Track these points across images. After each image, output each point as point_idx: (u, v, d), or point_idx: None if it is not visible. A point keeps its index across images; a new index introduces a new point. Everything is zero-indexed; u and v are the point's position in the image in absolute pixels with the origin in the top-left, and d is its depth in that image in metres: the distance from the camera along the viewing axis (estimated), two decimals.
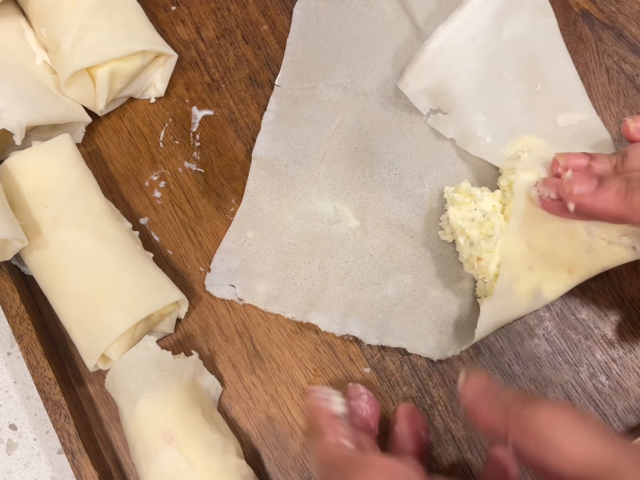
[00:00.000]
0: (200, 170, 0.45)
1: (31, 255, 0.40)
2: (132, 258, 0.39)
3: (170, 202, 0.45)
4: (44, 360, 0.39)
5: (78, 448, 0.37)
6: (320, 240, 0.42)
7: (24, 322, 0.39)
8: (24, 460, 0.41)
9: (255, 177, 0.44)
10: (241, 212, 0.43)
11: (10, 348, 0.44)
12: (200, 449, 0.35)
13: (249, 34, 0.49)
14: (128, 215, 0.44)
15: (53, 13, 0.43)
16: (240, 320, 0.42)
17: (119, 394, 0.37)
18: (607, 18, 0.48)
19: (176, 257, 0.43)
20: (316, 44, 0.47)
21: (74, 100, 0.45)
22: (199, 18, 0.50)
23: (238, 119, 0.47)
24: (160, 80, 0.46)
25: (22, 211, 0.40)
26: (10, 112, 0.41)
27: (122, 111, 0.47)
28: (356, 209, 0.43)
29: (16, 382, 0.43)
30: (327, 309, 0.40)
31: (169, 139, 0.46)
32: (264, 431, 0.40)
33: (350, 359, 0.41)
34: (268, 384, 0.40)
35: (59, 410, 0.38)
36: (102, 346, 0.37)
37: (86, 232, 0.39)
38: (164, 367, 0.37)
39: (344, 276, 0.41)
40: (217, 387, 0.40)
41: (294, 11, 0.48)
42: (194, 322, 0.42)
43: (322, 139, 0.44)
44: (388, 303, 0.40)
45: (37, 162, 0.41)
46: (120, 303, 0.38)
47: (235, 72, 0.48)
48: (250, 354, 0.41)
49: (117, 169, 0.46)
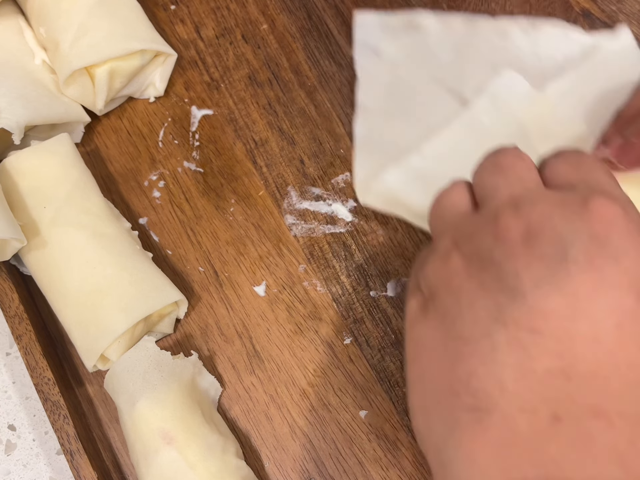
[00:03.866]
0: (200, 170, 0.45)
1: (30, 255, 0.39)
2: (132, 258, 0.39)
3: (169, 202, 0.45)
4: (43, 360, 0.38)
5: (77, 449, 0.37)
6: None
7: (22, 322, 0.39)
8: (22, 460, 0.41)
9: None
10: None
11: (9, 348, 0.43)
12: (200, 449, 0.35)
13: (249, 33, 0.49)
14: (127, 215, 0.44)
15: (52, 12, 0.43)
16: (240, 321, 0.42)
17: (118, 395, 0.37)
18: (608, 17, 0.47)
19: (175, 257, 0.43)
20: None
21: (73, 100, 0.45)
22: (198, 17, 0.50)
23: (237, 118, 0.46)
24: (159, 80, 0.46)
25: (20, 211, 0.40)
26: (9, 111, 0.41)
27: (121, 111, 0.47)
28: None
29: (15, 383, 0.43)
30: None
31: (168, 139, 0.46)
32: (263, 432, 0.39)
33: (350, 359, 0.40)
34: (268, 385, 0.40)
35: (58, 410, 0.38)
36: (101, 346, 0.37)
37: (85, 232, 0.39)
38: (163, 368, 0.37)
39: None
40: (217, 388, 0.40)
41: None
42: (193, 322, 0.42)
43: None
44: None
45: (35, 162, 0.41)
46: (120, 303, 0.38)
47: (234, 71, 0.48)
48: (249, 354, 0.41)
49: (116, 168, 0.46)
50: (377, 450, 0.39)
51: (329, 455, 0.39)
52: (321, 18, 0.49)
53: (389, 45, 0.46)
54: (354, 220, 0.44)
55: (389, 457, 0.38)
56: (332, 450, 0.39)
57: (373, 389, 0.40)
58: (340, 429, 0.39)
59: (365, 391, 0.40)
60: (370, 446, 0.39)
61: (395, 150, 0.43)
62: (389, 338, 0.41)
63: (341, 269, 0.43)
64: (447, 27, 0.46)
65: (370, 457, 0.38)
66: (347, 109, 0.46)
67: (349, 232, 0.43)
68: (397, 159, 0.42)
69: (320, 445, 0.39)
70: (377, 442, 0.39)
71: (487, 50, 0.45)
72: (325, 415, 0.39)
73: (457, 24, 0.46)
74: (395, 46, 0.46)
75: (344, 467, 0.38)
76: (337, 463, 0.39)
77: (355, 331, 0.41)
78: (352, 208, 0.44)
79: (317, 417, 0.39)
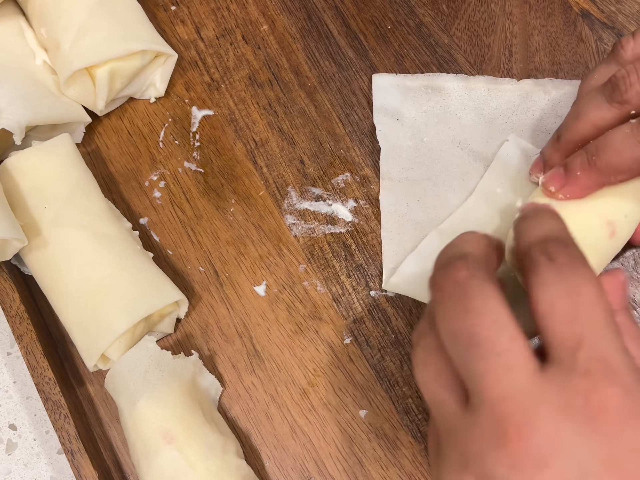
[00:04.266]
0: (200, 170, 0.45)
1: (31, 255, 0.40)
2: (132, 258, 0.39)
3: (170, 202, 0.45)
4: (44, 360, 0.39)
5: (78, 448, 0.37)
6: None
7: (23, 322, 0.39)
8: (23, 460, 0.41)
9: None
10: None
11: (10, 348, 0.44)
12: (200, 449, 0.35)
13: (249, 34, 0.49)
14: (128, 215, 0.44)
15: (53, 13, 0.43)
16: (240, 320, 0.42)
17: (119, 394, 0.37)
18: (607, 18, 0.48)
19: (176, 257, 0.43)
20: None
21: (74, 100, 0.45)
22: (198, 18, 0.50)
23: (238, 118, 0.47)
24: (160, 80, 0.46)
25: (21, 211, 0.40)
26: (10, 111, 0.41)
27: (122, 111, 0.47)
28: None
29: (16, 382, 0.43)
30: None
31: (169, 139, 0.46)
32: (263, 431, 0.39)
33: (350, 359, 0.41)
34: (268, 384, 0.40)
35: (59, 410, 0.38)
36: (101, 346, 0.37)
37: (86, 232, 0.39)
38: (163, 367, 0.37)
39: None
40: (217, 387, 0.40)
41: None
42: (193, 322, 0.42)
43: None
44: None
45: (36, 162, 0.41)
46: (120, 303, 0.38)
47: (235, 72, 0.48)
48: (250, 354, 0.41)
49: (116, 168, 0.46)
50: (377, 450, 0.39)
51: (329, 454, 0.39)
52: (321, 19, 0.49)
53: (409, 108, 0.45)
54: (354, 220, 0.44)
55: (388, 457, 0.38)
56: (332, 449, 0.39)
57: (373, 388, 0.40)
58: (340, 428, 0.39)
59: (365, 391, 0.40)
60: (370, 446, 0.39)
61: (419, 227, 0.42)
62: (388, 338, 0.41)
63: (341, 269, 0.43)
64: (469, 89, 0.45)
65: (370, 456, 0.39)
66: (347, 109, 0.47)
67: (349, 232, 0.43)
68: (418, 241, 0.42)
69: (320, 445, 0.39)
70: (377, 441, 0.39)
71: (510, 112, 0.45)
72: (325, 415, 0.39)
73: (479, 86, 0.45)
74: (416, 109, 0.45)
75: (343, 467, 0.38)
76: (337, 462, 0.39)
77: (355, 331, 0.41)
78: (352, 208, 0.44)
79: (317, 416, 0.39)
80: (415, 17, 0.49)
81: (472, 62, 0.47)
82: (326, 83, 0.47)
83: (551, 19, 0.48)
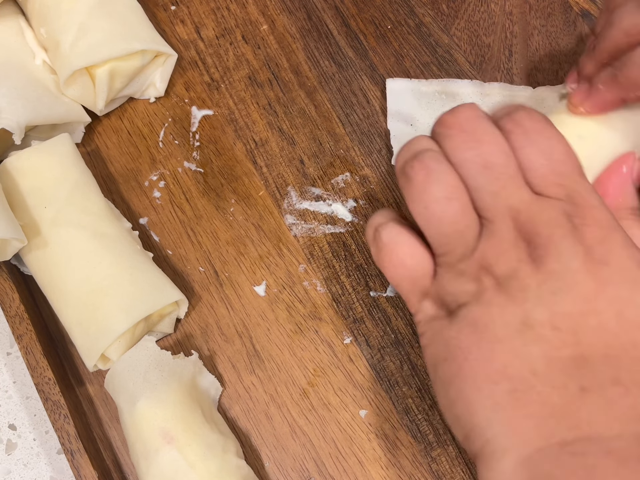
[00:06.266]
0: (200, 170, 0.45)
1: (30, 255, 0.39)
2: (132, 258, 0.39)
3: (169, 202, 0.45)
4: (44, 360, 0.39)
5: (77, 448, 0.37)
6: None
7: (23, 322, 0.39)
8: (23, 460, 0.41)
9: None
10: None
11: (10, 348, 0.43)
12: (200, 449, 0.35)
13: (249, 34, 0.49)
14: (127, 215, 0.44)
15: (52, 13, 0.43)
16: (240, 320, 0.42)
17: (119, 394, 0.37)
18: None
19: (176, 257, 0.43)
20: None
21: (74, 100, 0.45)
22: (198, 18, 0.50)
23: (238, 118, 0.47)
24: (159, 80, 0.46)
25: (21, 211, 0.40)
26: (10, 111, 0.41)
27: (122, 111, 0.47)
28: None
29: (15, 382, 0.43)
30: None
31: (169, 139, 0.46)
32: (263, 431, 0.39)
33: (350, 359, 0.41)
34: (268, 384, 0.40)
35: (59, 410, 0.38)
36: (101, 346, 0.37)
37: (86, 232, 0.39)
38: (163, 367, 0.37)
39: None
40: (217, 387, 0.40)
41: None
42: (193, 322, 0.42)
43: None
44: None
45: (36, 162, 0.41)
46: (120, 303, 0.38)
47: (234, 71, 0.48)
48: (250, 354, 0.41)
49: (116, 168, 0.46)
50: (376, 450, 0.39)
51: (328, 454, 0.39)
52: (321, 19, 0.49)
53: (423, 113, 0.45)
54: (354, 220, 0.44)
55: (388, 457, 0.38)
56: (332, 449, 0.39)
57: (373, 388, 0.40)
58: (340, 428, 0.39)
59: (365, 390, 0.40)
60: (370, 446, 0.39)
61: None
62: (388, 338, 0.41)
63: (341, 269, 0.43)
64: (484, 95, 0.45)
65: (370, 456, 0.39)
66: (347, 109, 0.47)
67: (349, 232, 0.43)
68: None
69: (320, 445, 0.39)
70: (376, 441, 0.39)
71: None
72: (325, 415, 0.39)
73: (494, 92, 0.45)
74: (430, 115, 0.45)
75: (343, 467, 0.38)
76: (337, 462, 0.39)
77: (355, 331, 0.41)
78: (352, 208, 0.44)
79: (317, 416, 0.39)
80: (415, 17, 0.49)
81: (472, 62, 0.47)
82: (326, 83, 0.47)
83: (551, 19, 0.48)
